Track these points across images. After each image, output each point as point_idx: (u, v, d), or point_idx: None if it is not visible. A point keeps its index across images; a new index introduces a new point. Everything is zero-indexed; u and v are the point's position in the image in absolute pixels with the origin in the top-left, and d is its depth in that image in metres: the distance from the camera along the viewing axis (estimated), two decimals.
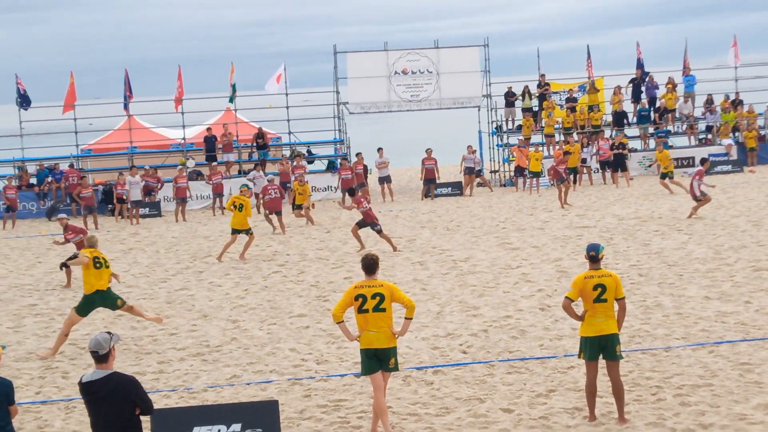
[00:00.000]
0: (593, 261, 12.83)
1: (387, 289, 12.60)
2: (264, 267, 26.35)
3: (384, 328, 12.56)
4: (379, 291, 12.54)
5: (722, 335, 16.80)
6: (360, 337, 12.68)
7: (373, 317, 12.52)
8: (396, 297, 12.61)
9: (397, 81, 45.90)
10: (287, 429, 13.13)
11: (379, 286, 12.60)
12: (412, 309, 12.72)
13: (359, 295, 12.59)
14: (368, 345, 12.60)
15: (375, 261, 12.83)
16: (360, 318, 12.62)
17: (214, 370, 16.50)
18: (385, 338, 12.58)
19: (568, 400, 13.78)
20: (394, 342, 12.70)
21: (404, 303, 12.65)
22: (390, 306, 12.58)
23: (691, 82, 48.20)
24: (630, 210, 33.15)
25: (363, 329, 12.62)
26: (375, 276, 12.76)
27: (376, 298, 12.51)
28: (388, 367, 12.70)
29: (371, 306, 12.52)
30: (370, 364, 12.66)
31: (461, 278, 23.17)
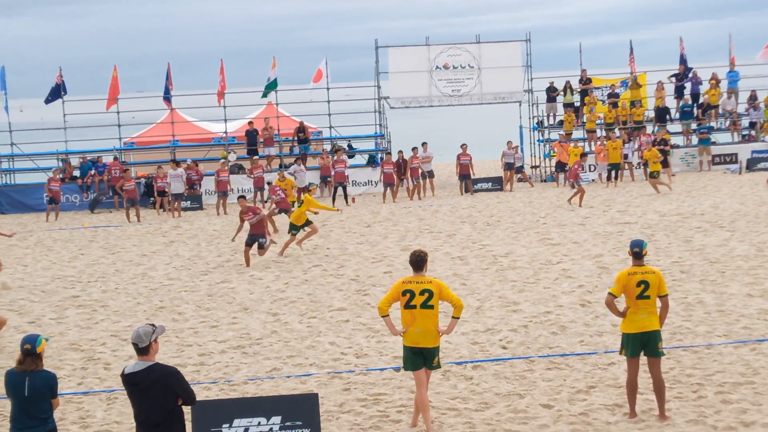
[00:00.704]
0: (637, 257, 12.77)
1: (436, 286, 12.51)
2: (304, 261, 26.43)
3: (430, 327, 12.48)
4: (427, 287, 12.46)
5: (764, 333, 16.67)
6: (405, 333, 12.61)
7: (420, 314, 12.45)
8: (444, 295, 12.51)
9: (438, 76, 45.86)
10: (327, 422, 13.17)
11: (428, 282, 12.52)
12: (460, 308, 12.59)
13: (407, 290, 12.49)
14: (414, 343, 12.55)
15: (423, 257, 12.72)
16: (406, 314, 12.55)
17: (255, 363, 16.57)
18: (431, 338, 12.53)
19: (608, 397, 13.74)
20: (438, 341, 12.66)
21: (452, 302, 12.54)
22: (437, 303, 12.48)
23: (735, 77, 47.79)
24: (672, 206, 32.94)
25: (409, 325, 12.54)
26: (423, 272, 12.67)
27: (425, 294, 12.42)
28: (432, 365, 12.66)
29: (419, 302, 12.43)
30: (415, 361, 12.63)
31: (501, 273, 23.14)
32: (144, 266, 26.83)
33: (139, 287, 23.88)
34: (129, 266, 27.03)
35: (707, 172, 44.03)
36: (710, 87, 47.01)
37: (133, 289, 23.67)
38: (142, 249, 30.06)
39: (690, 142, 46.22)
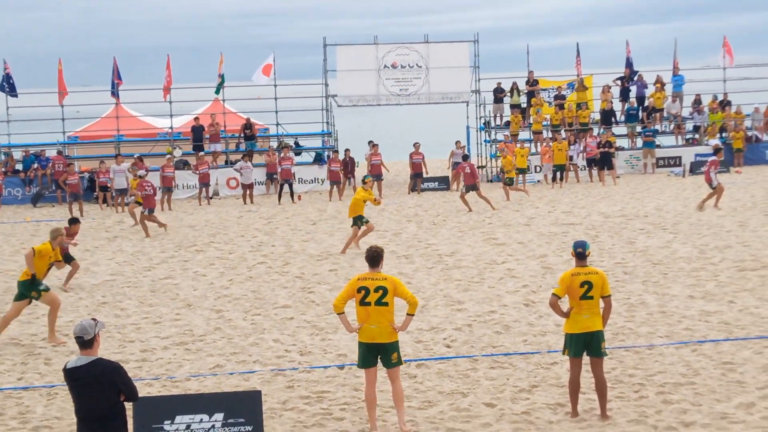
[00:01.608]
0: (580, 258, 12.84)
1: (390, 283, 12.49)
2: (249, 257, 26.32)
3: (385, 323, 12.46)
4: (382, 284, 12.44)
5: (705, 334, 16.84)
6: (360, 330, 12.57)
7: (374, 311, 12.42)
8: (399, 292, 12.51)
9: (386, 75, 45.88)
10: (269, 419, 13.12)
11: (382, 279, 12.50)
12: (415, 305, 12.60)
13: (362, 287, 12.47)
14: (369, 339, 12.51)
15: (380, 253, 12.71)
16: (361, 310, 12.51)
17: (198, 360, 16.47)
18: (386, 333, 12.49)
19: (550, 396, 13.80)
20: (395, 337, 12.61)
21: (407, 299, 12.53)
22: (392, 300, 12.47)
23: (680, 81, 48.32)
24: (616, 208, 33.20)
25: (363, 322, 12.51)
26: (379, 269, 12.65)
27: (379, 291, 12.40)
28: (391, 362, 12.59)
29: (374, 299, 12.40)
30: (368, 358, 12.59)
31: (446, 272, 23.19)
32: (87, 261, 26.56)
33: (81, 282, 23.64)
34: None
35: (651, 174, 44.45)
36: (655, 90, 47.48)
37: (75, 283, 23.41)
38: (84, 244, 29.76)
39: (635, 144, 46.63)
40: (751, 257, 23.44)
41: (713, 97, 48.28)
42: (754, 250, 24.27)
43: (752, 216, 30.01)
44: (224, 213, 36.42)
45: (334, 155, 42.07)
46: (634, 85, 47.62)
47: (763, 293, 19.70)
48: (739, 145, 45.67)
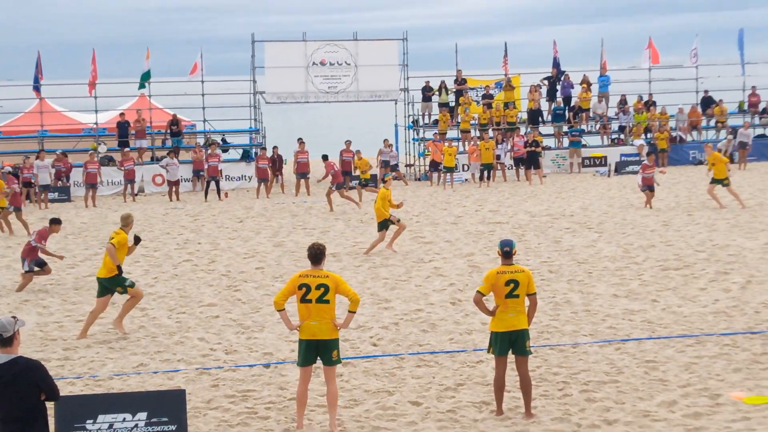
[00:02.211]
0: (506, 256, 12.88)
1: (332, 280, 12.42)
2: (174, 255, 26.09)
3: (326, 320, 12.38)
4: (324, 282, 12.36)
5: (629, 333, 17.01)
6: (300, 327, 12.46)
7: (315, 308, 12.33)
8: (341, 289, 12.44)
9: (314, 72, 45.79)
10: (194, 418, 12.99)
11: (324, 276, 12.42)
12: (357, 303, 12.54)
13: (303, 284, 12.38)
14: (310, 336, 12.41)
15: (322, 251, 12.62)
16: (302, 308, 12.41)
17: (121, 358, 16.28)
18: (327, 329, 12.39)
19: (476, 394, 13.84)
20: (336, 334, 12.51)
21: (349, 296, 12.47)
22: (334, 298, 12.40)
23: (606, 82, 48.88)
24: (542, 207, 33.45)
25: (304, 319, 12.42)
26: (321, 266, 12.58)
27: (321, 288, 12.32)
28: (331, 359, 12.51)
29: (315, 297, 12.32)
30: (307, 356, 12.50)
31: (373, 271, 23.18)
32: (8, 258, 26.15)
33: (2, 279, 23.26)
34: None
35: (577, 174, 44.89)
36: (582, 91, 47.94)
37: None
38: (6, 241, 29.31)
39: (561, 144, 47.07)
40: (674, 256, 23.74)
41: (638, 98, 48.89)
42: (677, 250, 24.60)
43: (675, 216, 30.41)
44: (149, 210, 36.07)
45: (262, 152, 41.87)
46: (561, 85, 48.04)
47: (685, 292, 19.96)
48: (664, 145, 46.28)
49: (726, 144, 45.20)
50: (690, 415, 12.74)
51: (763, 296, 19.35)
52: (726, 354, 15.50)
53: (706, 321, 17.64)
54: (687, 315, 18.10)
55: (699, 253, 24.04)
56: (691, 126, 48.80)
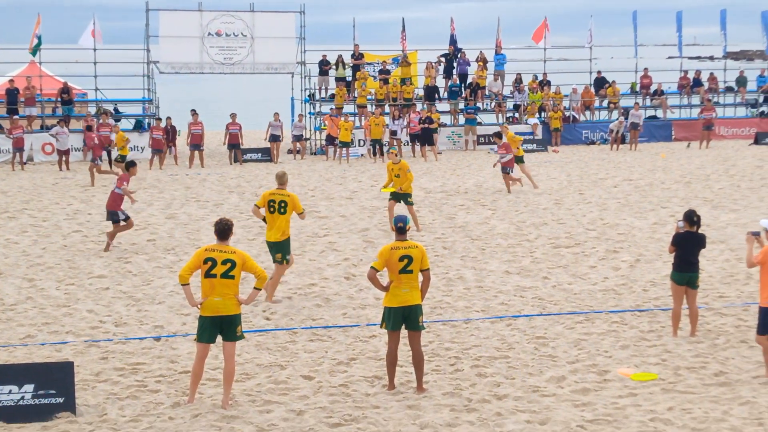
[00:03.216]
0: (400, 232, 12.91)
1: (239, 257, 12.28)
2: (64, 226, 25.61)
3: (230, 295, 12.24)
4: (230, 257, 12.21)
5: (520, 309, 17.20)
6: (203, 304, 12.29)
7: (219, 283, 12.17)
8: (248, 266, 12.30)
9: (210, 43, 45.27)
10: (82, 391, 12.78)
11: (231, 252, 12.27)
12: (264, 279, 12.46)
13: (209, 258, 12.21)
14: (213, 312, 12.25)
15: (229, 226, 12.50)
16: (206, 282, 12.24)
17: (7, 329, 15.93)
18: (231, 305, 12.25)
19: (368, 369, 13.86)
20: (239, 309, 12.40)
21: (256, 273, 12.36)
22: (239, 274, 12.27)
23: (502, 60, 49.28)
24: (437, 184, 33.61)
25: (208, 295, 12.24)
26: (228, 242, 12.44)
27: (227, 264, 12.17)
28: (234, 335, 12.37)
29: (220, 272, 12.16)
30: (210, 332, 12.35)
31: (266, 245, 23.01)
32: None
33: None
34: None
35: (472, 151, 45.20)
36: (478, 69, 48.24)
37: None
38: None
39: (457, 121, 47.32)
40: (565, 235, 24.06)
41: (533, 77, 49.37)
42: (569, 228, 24.93)
43: (568, 195, 30.82)
44: (39, 179, 35.34)
45: (156, 123, 41.28)
46: (458, 62, 48.27)
47: (576, 270, 20.25)
48: (557, 124, 46.84)
49: (617, 125, 45.91)
50: (578, 390, 12.93)
51: (651, 275, 19.74)
52: (614, 331, 15.78)
53: (596, 298, 17.93)
54: (577, 292, 18.37)
55: (590, 232, 24.41)
56: (584, 106, 49.47)
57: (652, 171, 36.64)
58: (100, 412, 12.23)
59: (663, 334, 15.60)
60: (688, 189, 31.70)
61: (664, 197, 29.98)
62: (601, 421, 11.83)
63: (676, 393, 12.85)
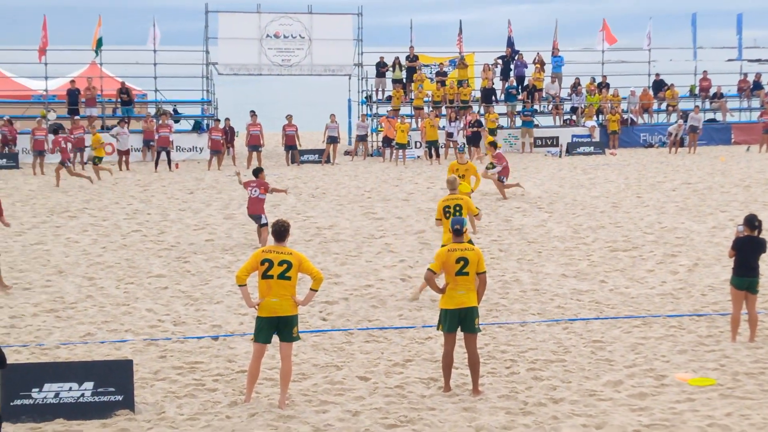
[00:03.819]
0: (457, 234, 12.93)
1: (296, 258, 12.33)
2: (123, 225, 25.90)
3: (287, 296, 12.30)
4: (287, 258, 12.26)
5: (576, 312, 17.13)
6: (260, 305, 12.35)
7: (276, 284, 12.23)
8: (304, 267, 12.35)
9: (268, 44, 45.55)
10: (141, 389, 12.93)
11: (288, 254, 12.32)
12: (320, 281, 12.48)
13: (266, 259, 12.27)
14: (270, 313, 12.31)
15: (286, 228, 12.53)
16: (263, 284, 12.31)
17: (68, 327, 16.15)
18: (288, 306, 12.31)
19: (424, 371, 13.88)
20: (296, 310, 12.45)
21: (312, 274, 12.40)
22: (296, 275, 12.32)
23: (559, 63, 49.05)
24: (493, 186, 33.49)
25: (265, 296, 12.31)
26: (285, 243, 12.50)
27: (283, 265, 12.23)
28: (291, 336, 12.44)
29: (277, 273, 12.22)
30: (266, 333, 12.41)
31: (324, 246, 23.15)
32: None
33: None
34: None
35: (529, 153, 45.07)
36: (535, 71, 48.08)
37: None
38: None
39: (514, 123, 47.19)
40: (623, 238, 23.92)
41: (591, 79, 49.11)
42: (626, 231, 24.78)
43: (625, 198, 30.63)
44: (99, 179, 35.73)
45: (215, 124, 41.61)
46: (515, 64, 48.14)
47: (633, 273, 20.13)
48: (615, 127, 46.55)
49: (676, 128, 45.55)
50: (635, 395, 12.86)
51: (710, 279, 19.56)
52: (672, 336, 15.67)
53: (653, 302, 17.81)
54: (634, 296, 18.26)
55: (647, 235, 24.24)
56: (643, 109, 49.13)
57: (711, 174, 36.30)
58: (159, 410, 12.36)
59: (721, 339, 15.46)
60: (748, 193, 31.37)
61: (723, 201, 29.69)
62: (658, 426, 11.76)
63: (734, 399, 12.73)
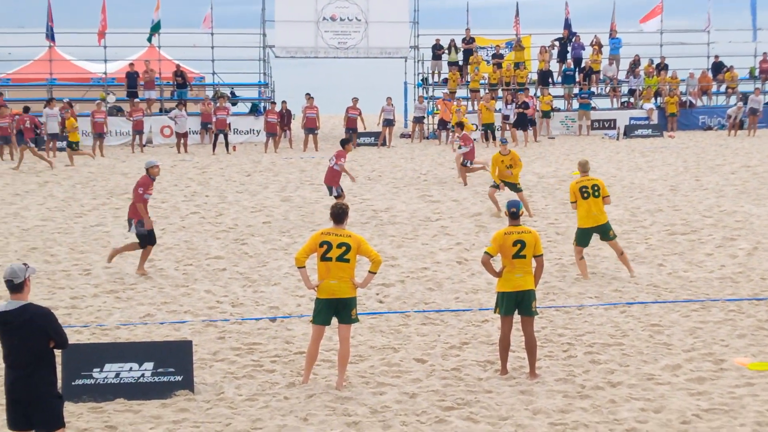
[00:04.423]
0: (513, 217, 12.91)
1: (354, 240, 12.36)
2: (182, 207, 26.12)
3: (345, 279, 12.35)
4: (346, 241, 12.31)
5: (634, 296, 17.04)
6: (319, 287, 12.42)
7: (335, 266, 12.29)
8: (363, 250, 12.39)
9: (325, 27, 45.62)
10: (200, 370, 13.06)
11: (346, 236, 12.36)
12: (378, 263, 12.52)
13: (325, 242, 12.31)
14: (329, 295, 12.38)
15: (345, 210, 12.58)
16: (322, 266, 12.37)
17: (128, 308, 16.35)
18: (346, 288, 12.37)
19: (480, 353, 13.89)
20: (355, 292, 12.52)
21: (371, 257, 12.44)
22: (354, 258, 12.37)
23: (617, 45, 48.64)
24: (550, 169, 33.41)
25: (323, 278, 12.37)
26: (343, 225, 12.54)
27: (342, 247, 12.27)
28: (349, 317, 12.51)
29: (335, 255, 12.27)
30: (325, 315, 12.49)
31: (380, 228, 23.20)
32: (16, 206, 26.21)
33: (10, 227, 23.32)
34: (0, 205, 26.37)
35: (586, 136, 44.79)
36: (593, 53, 47.73)
37: (4, 228, 23.11)
38: (14, 188, 29.35)
39: (571, 106, 46.92)
40: (681, 221, 23.73)
41: (649, 61, 48.65)
42: (685, 214, 24.58)
43: (684, 180, 30.37)
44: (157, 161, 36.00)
45: (271, 107, 41.80)
46: (572, 46, 47.82)
47: (692, 257, 19.97)
48: (673, 109, 46.12)
49: (736, 110, 45.04)
50: (694, 379, 12.78)
51: None
52: (731, 320, 15.54)
53: (712, 286, 17.67)
54: (693, 280, 18.12)
55: (706, 219, 24.03)
56: (701, 91, 48.62)
57: None
58: (218, 390, 12.49)
59: None
60: None
61: None
62: (717, 410, 11.68)
63: None
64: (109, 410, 11.84)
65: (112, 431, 11.21)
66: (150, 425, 11.38)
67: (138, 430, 11.23)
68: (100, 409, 11.87)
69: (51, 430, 9.54)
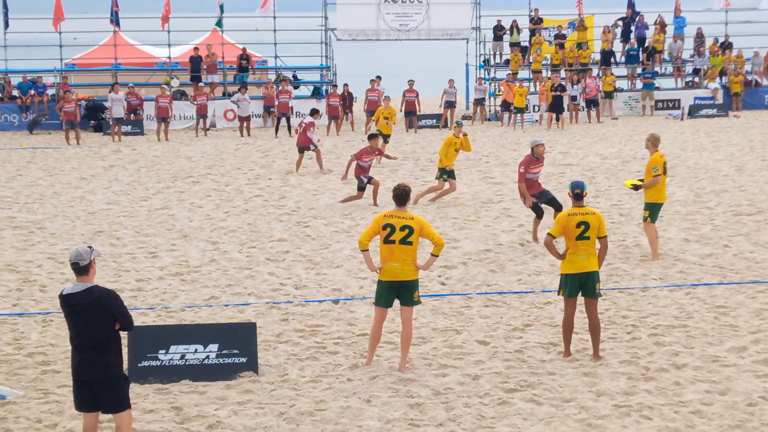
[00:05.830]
0: (577, 198, 12.84)
1: (417, 223, 12.36)
2: (245, 190, 26.30)
3: (408, 261, 12.36)
4: (408, 224, 12.32)
5: (699, 278, 16.88)
6: (382, 269, 12.46)
7: (398, 249, 12.30)
8: (425, 233, 12.39)
9: (386, 9, 45.55)
10: (263, 351, 13.16)
11: (409, 218, 12.36)
12: (441, 246, 12.49)
13: (388, 224, 12.33)
14: (392, 277, 12.41)
15: (407, 192, 12.56)
16: (385, 248, 12.39)
17: (193, 291, 16.51)
18: (409, 270, 12.39)
19: (543, 335, 13.86)
20: (417, 275, 12.54)
21: (433, 240, 12.43)
22: (417, 240, 12.37)
23: (681, 23, 48.05)
24: (614, 150, 33.16)
25: (386, 260, 12.40)
26: (405, 208, 12.55)
27: (405, 230, 12.28)
28: (412, 300, 12.54)
29: (398, 238, 12.28)
30: (387, 297, 12.54)
31: (442, 210, 23.18)
32: (82, 189, 26.57)
33: (77, 210, 23.64)
34: (67, 189, 26.75)
35: (650, 116, 44.37)
36: (656, 32, 47.21)
37: (70, 212, 23.44)
38: (81, 172, 29.74)
39: (634, 86, 46.47)
40: (747, 202, 23.46)
41: (714, 40, 48.02)
42: (751, 195, 24.29)
43: (749, 161, 30.00)
44: (221, 145, 36.33)
45: (333, 89, 41.87)
46: (635, 26, 47.34)
47: (758, 238, 19.73)
48: (738, 89, 45.50)
49: None
50: (760, 361, 12.65)
51: None
52: None
53: None
54: (759, 261, 17.90)
55: None
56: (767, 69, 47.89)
57: None
58: (281, 372, 12.58)
59: None
60: None
61: None
62: None
63: None
64: (174, 391, 11.98)
65: (178, 412, 11.34)
66: (215, 406, 11.50)
67: (203, 411, 11.35)
68: (166, 390, 12.01)
69: (117, 411, 9.68)
